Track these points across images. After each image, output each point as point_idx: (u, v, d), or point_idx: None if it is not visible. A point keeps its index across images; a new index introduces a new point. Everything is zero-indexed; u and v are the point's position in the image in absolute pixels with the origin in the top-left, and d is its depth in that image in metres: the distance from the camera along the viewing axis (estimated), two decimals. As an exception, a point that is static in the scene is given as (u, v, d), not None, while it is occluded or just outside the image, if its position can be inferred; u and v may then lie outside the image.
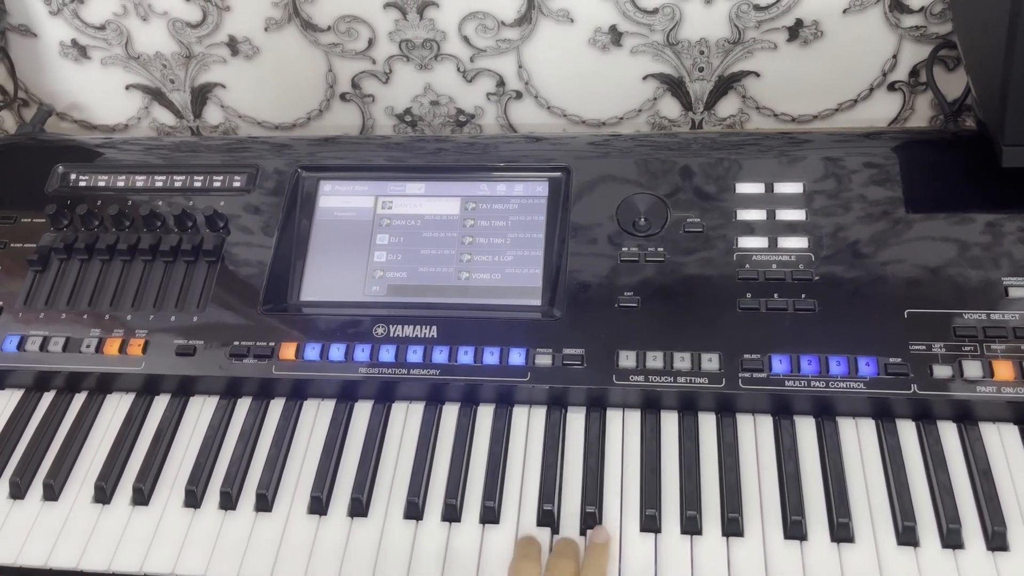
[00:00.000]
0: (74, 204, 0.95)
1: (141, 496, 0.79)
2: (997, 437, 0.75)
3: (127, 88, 1.17)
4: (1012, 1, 0.73)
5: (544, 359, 0.80)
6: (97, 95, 1.18)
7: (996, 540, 0.69)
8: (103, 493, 0.80)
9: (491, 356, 0.81)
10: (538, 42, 1.03)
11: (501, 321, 0.84)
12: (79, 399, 0.88)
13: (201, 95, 1.15)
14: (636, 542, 0.73)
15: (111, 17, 1.09)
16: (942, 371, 0.75)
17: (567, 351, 0.81)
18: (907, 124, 1.06)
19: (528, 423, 0.81)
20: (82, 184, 0.98)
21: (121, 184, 0.97)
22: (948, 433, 0.76)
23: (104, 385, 0.88)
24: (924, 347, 0.77)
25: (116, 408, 0.87)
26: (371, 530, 0.76)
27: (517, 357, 0.81)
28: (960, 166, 0.86)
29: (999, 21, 0.75)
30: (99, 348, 0.87)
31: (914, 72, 1.02)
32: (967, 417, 0.76)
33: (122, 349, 0.86)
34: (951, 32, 0.97)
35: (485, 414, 0.82)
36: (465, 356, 0.82)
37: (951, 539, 0.70)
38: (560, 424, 0.80)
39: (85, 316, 0.89)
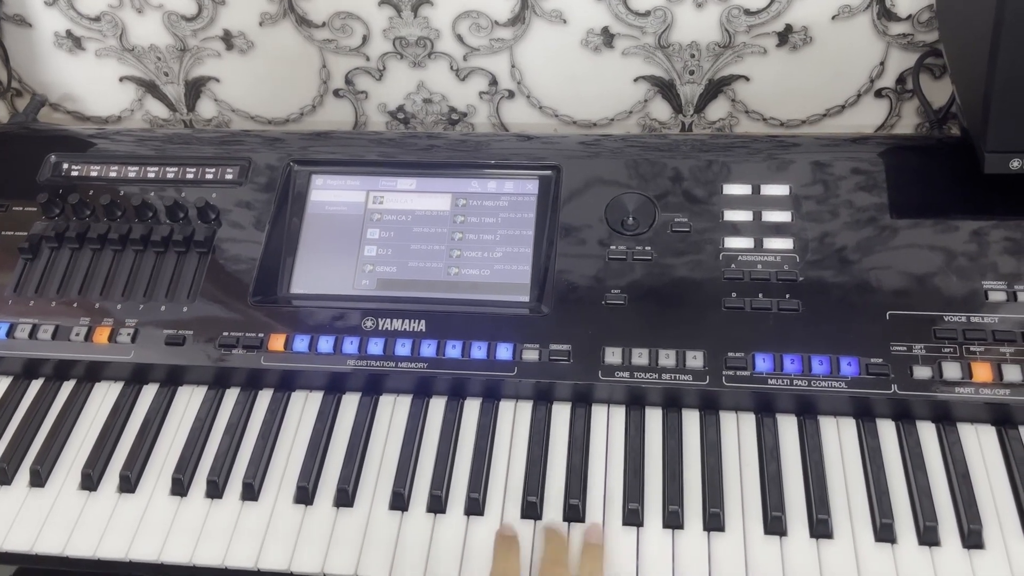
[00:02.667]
0: (66, 193, 0.95)
1: (128, 484, 0.80)
2: (975, 438, 0.77)
3: (121, 80, 1.17)
4: (996, 11, 0.74)
5: (531, 354, 0.81)
6: (91, 86, 1.18)
7: (972, 538, 0.71)
8: (90, 480, 0.80)
9: (479, 350, 0.82)
10: (531, 42, 1.04)
11: (489, 316, 0.84)
12: (67, 387, 0.88)
13: (195, 88, 1.16)
14: (618, 535, 0.74)
15: (106, 8, 1.09)
16: (922, 372, 0.77)
17: (554, 347, 0.81)
18: (893, 130, 1.07)
19: (514, 417, 0.82)
20: (74, 174, 0.98)
21: (113, 174, 0.98)
22: (927, 433, 0.77)
23: (93, 373, 0.88)
24: (905, 348, 0.78)
25: (104, 396, 0.87)
26: (356, 520, 0.76)
27: (504, 352, 0.82)
28: (944, 172, 0.87)
29: (983, 31, 0.77)
30: (88, 336, 0.87)
31: (901, 79, 1.03)
32: (946, 418, 0.78)
33: (111, 338, 0.87)
34: (937, 40, 0.98)
35: (472, 407, 0.83)
36: (453, 350, 0.82)
37: (928, 536, 0.71)
38: (546, 418, 0.81)
39: (75, 305, 0.89)
